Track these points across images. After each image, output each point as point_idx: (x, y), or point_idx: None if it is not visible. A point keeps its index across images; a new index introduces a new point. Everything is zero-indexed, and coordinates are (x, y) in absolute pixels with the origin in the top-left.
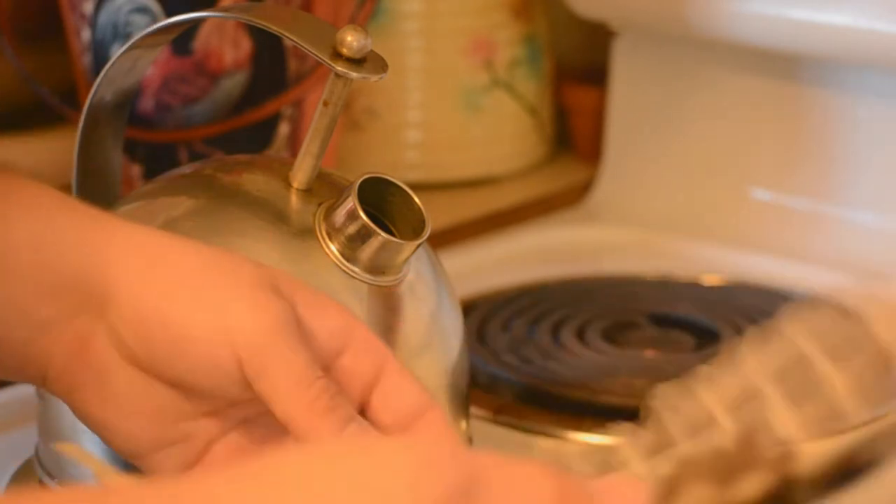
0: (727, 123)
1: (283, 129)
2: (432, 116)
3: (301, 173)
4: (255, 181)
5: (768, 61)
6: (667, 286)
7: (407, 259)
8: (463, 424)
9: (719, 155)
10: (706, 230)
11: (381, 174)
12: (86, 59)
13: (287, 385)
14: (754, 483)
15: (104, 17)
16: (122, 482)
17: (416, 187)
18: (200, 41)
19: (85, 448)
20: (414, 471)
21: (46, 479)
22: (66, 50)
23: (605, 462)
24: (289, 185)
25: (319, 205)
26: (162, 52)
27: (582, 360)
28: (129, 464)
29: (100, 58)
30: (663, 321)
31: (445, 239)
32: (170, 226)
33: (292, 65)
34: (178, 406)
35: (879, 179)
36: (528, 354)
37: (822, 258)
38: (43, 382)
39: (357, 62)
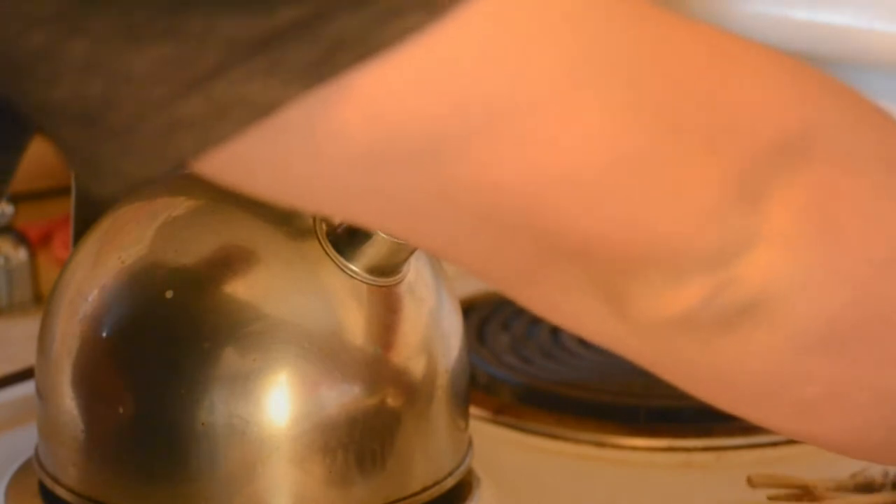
0: None
1: None
2: None
3: None
4: None
5: None
6: None
7: (407, 259)
8: (463, 424)
9: None
10: None
11: None
12: None
13: None
14: None
15: None
16: None
17: None
18: None
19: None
20: None
21: (46, 479)
22: None
23: None
24: None
25: None
26: None
27: (582, 360)
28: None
29: None
30: None
31: None
32: (170, 226)
33: None
34: None
35: None
36: (528, 354)
37: None
38: None
39: None
